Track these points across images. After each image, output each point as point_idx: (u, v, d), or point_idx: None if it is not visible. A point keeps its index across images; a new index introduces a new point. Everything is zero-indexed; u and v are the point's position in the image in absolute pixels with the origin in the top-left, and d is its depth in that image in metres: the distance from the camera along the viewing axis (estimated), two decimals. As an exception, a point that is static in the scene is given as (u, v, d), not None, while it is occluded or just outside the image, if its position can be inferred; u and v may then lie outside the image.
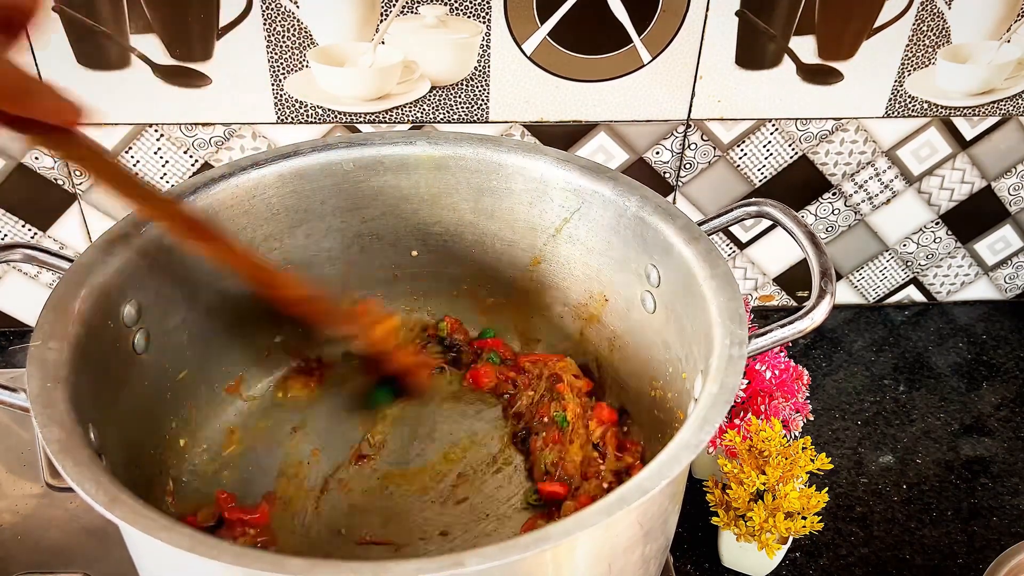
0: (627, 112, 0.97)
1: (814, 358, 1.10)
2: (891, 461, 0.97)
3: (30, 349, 0.62)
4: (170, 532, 0.50)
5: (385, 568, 0.49)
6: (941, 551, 0.88)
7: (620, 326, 0.84)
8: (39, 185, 0.98)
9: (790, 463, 0.78)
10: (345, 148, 0.83)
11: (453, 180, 0.85)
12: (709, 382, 0.62)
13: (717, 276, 0.69)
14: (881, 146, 1.03)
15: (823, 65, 0.96)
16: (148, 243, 0.73)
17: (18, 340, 1.08)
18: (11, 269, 1.04)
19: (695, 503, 0.87)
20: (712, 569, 0.86)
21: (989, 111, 1.01)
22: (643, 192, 0.77)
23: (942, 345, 1.12)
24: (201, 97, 0.93)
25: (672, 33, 0.92)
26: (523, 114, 0.97)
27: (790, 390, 0.85)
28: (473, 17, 0.90)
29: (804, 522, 0.77)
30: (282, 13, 0.88)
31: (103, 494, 0.53)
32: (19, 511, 0.88)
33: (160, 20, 0.88)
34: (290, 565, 0.49)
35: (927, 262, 1.14)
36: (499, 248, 0.88)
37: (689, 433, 0.58)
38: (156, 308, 0.75)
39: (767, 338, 0.68)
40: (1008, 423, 1.02)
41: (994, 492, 0.94)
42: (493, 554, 0.50)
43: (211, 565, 0.49)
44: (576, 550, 0.56)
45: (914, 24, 0.94)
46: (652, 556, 0.66)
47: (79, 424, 0.58)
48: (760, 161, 1.02)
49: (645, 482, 0.54)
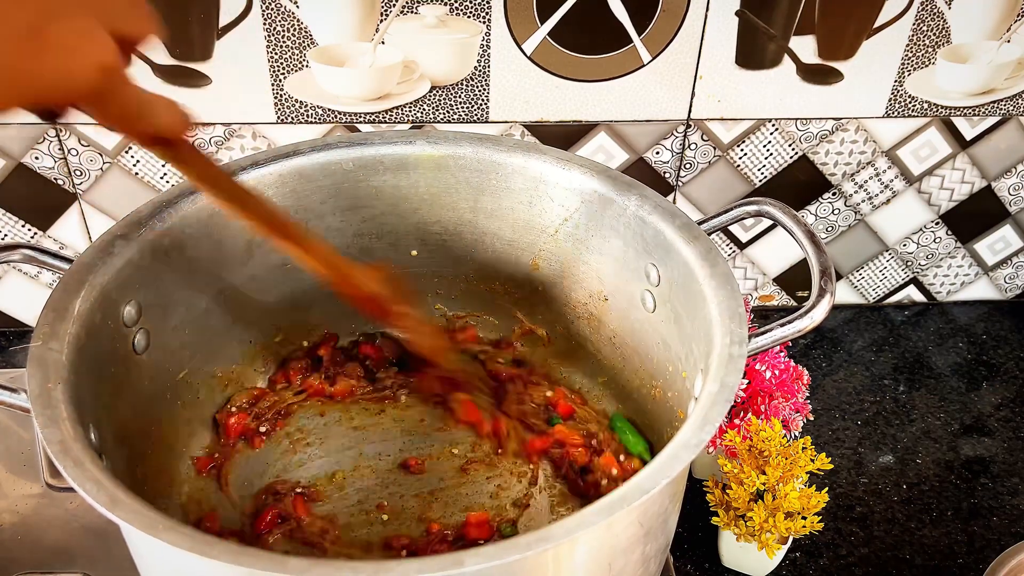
0: (627, 112, 0.97)
1: (814, 358, 1.10)
2: (891, 461, 0.97)
3: (30, 349, 0.62)
4: (172, 532, 0.50)
5: (385, 567, 0.49)
6: (941, 551, 0.88)
7: (620, 325, 0.84)
8: (39, 185, 0.98)
9: (790, 463, 0.78)
10: (345, 148, 0.83)
11: (452, 179, 0.85)
12: (709, 381, 0.62)
13: (717, 275, 0.69)
14: (881, 146, 1.03)
15: (823, 65, 0.96)
16: (148, 243, 0.73)
17: (18, 340, 1.08)
18: (11, 269, 1.04)
19: (695, 503, 0.87)
20: (712, 569, 0.86)
21: (989, 111, 1.01)
22: (642, 191, 0.78)
23: (942, 345, 1.12)
24: (201, 97, 0.93)
25: (672, 33, 0.92)
26: (523, 114, 0.97)
27: (790, 390, 0.85)
28: (473, 17, 0.90)
29: (804, 522, 0.77)
30: (282, 13, 0.88)
31: (104, 494, 0.53)
32: (19, 511, 0.88)
33: (160, 20, 0.88)
34: (290, 564, 0.49)
35: (927, 262, 1.14)
36: (498, 247, 0.88)
37: (689, 432, 0.58)
38: (156, 308, 0.75)
39: (767, 337, 0.68)
40: (1008, 423, 1.02)
41: (994, 492, 0.94)
42: (493, 553, 0.50)
43: (212, 565, 0.49)
44: (577, 549, 0.56)
45: (914, 24, 0.94)
46: (652, 555, 0.66)
47: (80, 424, 0.59)
48: (760, 161, 1.02)
49: (646, 481, 0.54)
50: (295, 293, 0.88)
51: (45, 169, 0.97)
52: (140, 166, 0.97)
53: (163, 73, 0.91)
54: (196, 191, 0.77)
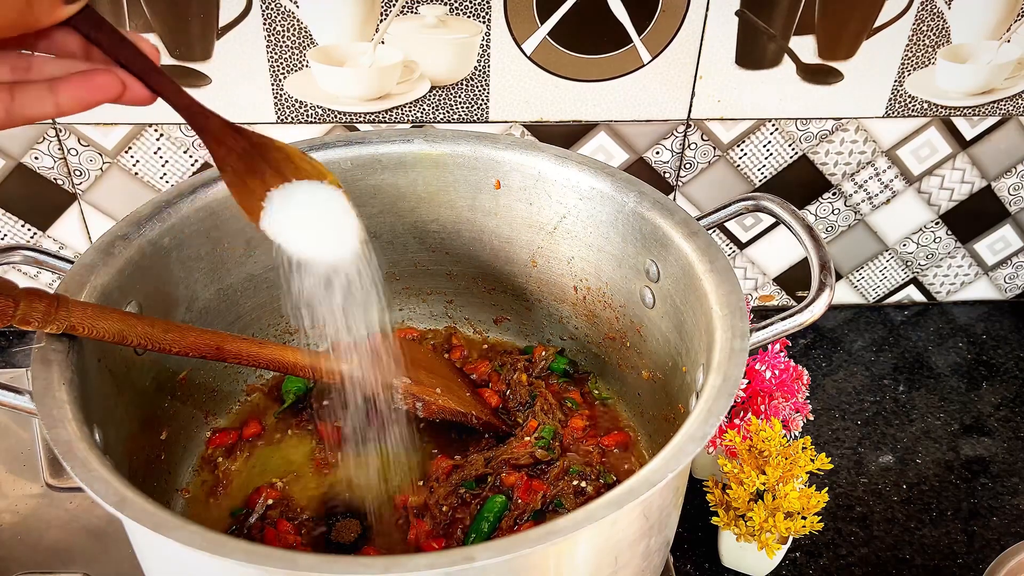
0: (627, 112, 0.97)
1: (814, 358, 1.10)
2: (891, 461, 0.97)
3: (33, 350, 0.62)
4: (181, 531, 0.50)
5: (396, 563, 0.49)
6: (941, 551, 0.88)
7: (619, 321, 0.84)
8: (39, 185, 0.98)
9: (790, 463, 0.78)
10: (343, 147, 0.83)
11: (451, 178, 0.85)
12: (712, 375, 0.62)
13: (717, 270, 0.69)
14: (881, 146, 1.03)
15: (823, 65, 0.96)
16: (148, 243, 0.73)
17: (18, 340, 1.08)
18: (11, 269, 1.04)
19: (695, 503, 0.87)
20: (712, 569, 0.86)
21: (989, 111, 1.01)
22: (641, 188, 0.78)
23: (942, 345, 1.12)
24: (201, 97, 0.93)
25: (672, 33, 0.92)
26: (523, 114, 0.97)
27: (790, 390, 0.85)
28: (473, 17, 0.90)
29: (804, 522, 0.77)
30: (282, 13, 0.88)
31: (113, 494, 0.53)
32: (19, 511, 0.88)
33: (160, 20, 0.88)
34: (302, 561, 0.49)
35: (927, 262, 1.14)
36: (497, 245, 0.88)
37: (694, 425, 0.58)
38: (156, 308, 0.75)
39: (768, 331, 0.68)
40: (1008, 423, 1.02)
41: (994, 492, 0.94)
42: (503, 547, 0.50)
43: (223, 563, 0.49)
44: (585, 543, 0.57)
45: (914, 24, 0.94)
46: (656, 549, 0.66)
47: (85, 425, 0.59)
48: (760, 161, 1.02)
49: (652, 474, 0.54)
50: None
51: (45, 169, 0.97)
52: (140, 166, 0.97)
53: (163, 73, 0.91)
54: (195, 192, 0.77)
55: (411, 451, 0.83)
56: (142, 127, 0.94)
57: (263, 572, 0.50)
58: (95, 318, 0.64)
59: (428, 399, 0.80)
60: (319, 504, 0.79)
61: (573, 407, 0.87)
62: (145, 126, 0.95)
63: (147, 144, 0.96)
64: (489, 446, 0.83)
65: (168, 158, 0.97)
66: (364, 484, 0.80)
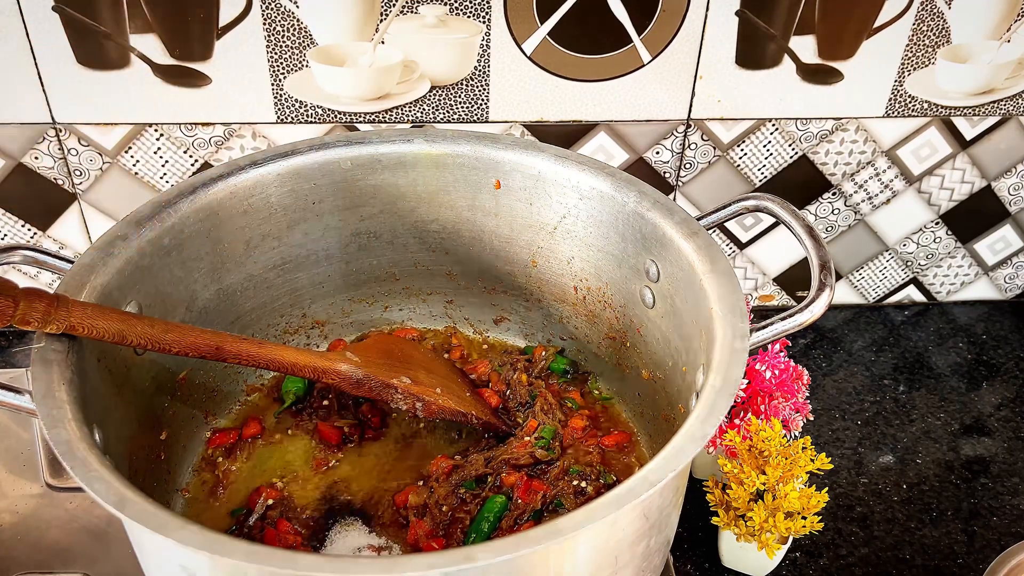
0: (627, 112, 0.97)
1: (814, 358, 1.10)
2: (891, 461, 0.97)
3: (33, 350, 0.62)
4: (182, 531, 0.50)
5: (397, 563, 0.49)
6: (941, 551, 0.88)
7: (619, 321, 0.84)
8: (39, 185, 0.98)
9: (790, 463, 0.78)
10: (343, 147, 0.83)
11: (451, 177, 0.85)
12: (712, 375, 0.62)
13: (717, 270, 0.69)
14: (881, 146, 1.03)
15: (823, 65, 0.96)
16: (148, 243, 0.73)
17: (18, 340, 1.08)
18: (11, 269, 1.04)
19: (695, 503, 0.87)
20: (712, 569, 0.86)
21: (989, 111, 1.01)
22: (641, 188, 0.78)
23: (942, 345, 1.12)
24: (201, 97, 0.93)
25: (672, 33, 0.92)
26: (523, 114, 0.97)
27: (790, 390, 0.85)
28: (473, 17, 0.90)
29: (804, 522, 0.77)
30: (282, 13, 0.88)
31: (113, 494, 0.53)
32: (19, 511, 0.88)
33: (160, 20, 0.88)
34: (302, 561, 0.49)
35: (927, 262, 1.13)
36: (497, 245, 0.88)
37: (694, 425, 0.58)
38: (156, 308, 0.75)
39: (768, 331, 0.68)
40: (1008, 423, 1.02)
41: (994, 492, 0.94)
42: (503, 547, 0.50)
43: (223, 563, 0.49)
44: (585, 543, 0.57)
45: (914, 24, 0.94)
46: (656, 549, 0.66)
47: (85, 424, 0.59)
48: (760, 161, 1.02)
49: (652, 474, 0.54)
50: (293, 292, 0.89)
51: (45, 169, 0.97)
52: (140, 166, 0.97)
53: (163, 73, 0.91)
54: (195, 191, 0.77)
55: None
56: (142, 127, 0.94)
57: (263, 572, 0.50)
58: (95, 318, 0.64)
59: (428, 399, 0.80)
60: (319, 504, 0.79)
61: (573, 407, 0.87)
62: (145, 126, 0.95)
63: (147, 144, 0.96)
64: (489, 446, 0.83)
65: (168, 158, 0.97)
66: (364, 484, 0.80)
